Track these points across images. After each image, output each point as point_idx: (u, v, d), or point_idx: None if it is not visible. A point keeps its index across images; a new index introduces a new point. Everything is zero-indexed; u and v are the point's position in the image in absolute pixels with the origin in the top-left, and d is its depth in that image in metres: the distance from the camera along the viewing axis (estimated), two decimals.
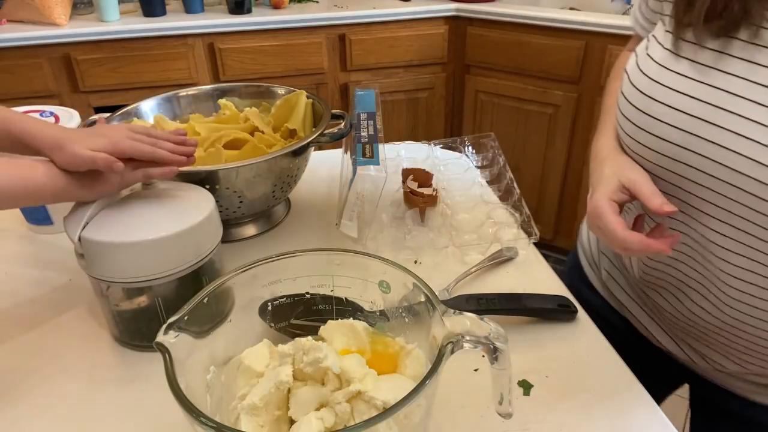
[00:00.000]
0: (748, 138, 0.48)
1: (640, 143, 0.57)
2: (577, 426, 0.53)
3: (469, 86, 2.22)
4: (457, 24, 2.15)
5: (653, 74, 0.55)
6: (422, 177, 0.87)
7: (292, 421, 0.44)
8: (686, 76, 0.52)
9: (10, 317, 0.67)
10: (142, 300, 0.60)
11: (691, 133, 0.52)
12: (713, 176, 0.51)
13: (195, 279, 0.61)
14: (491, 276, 0.74)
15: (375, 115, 0.81)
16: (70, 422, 0.54)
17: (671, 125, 0.53)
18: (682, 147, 0.53)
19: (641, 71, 0.57)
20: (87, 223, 0.56)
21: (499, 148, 0.95)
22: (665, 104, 0.54)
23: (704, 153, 0.51)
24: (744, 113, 0.48)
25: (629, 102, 0.58)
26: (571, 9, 2.11)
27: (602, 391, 0.56)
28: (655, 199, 0.52)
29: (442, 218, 0.83)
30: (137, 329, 0.62)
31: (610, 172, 0.58)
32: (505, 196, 0.88)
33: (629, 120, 0.58)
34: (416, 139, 1.18)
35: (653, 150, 0.56)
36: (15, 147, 0.56)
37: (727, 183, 0.51)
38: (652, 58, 0.56)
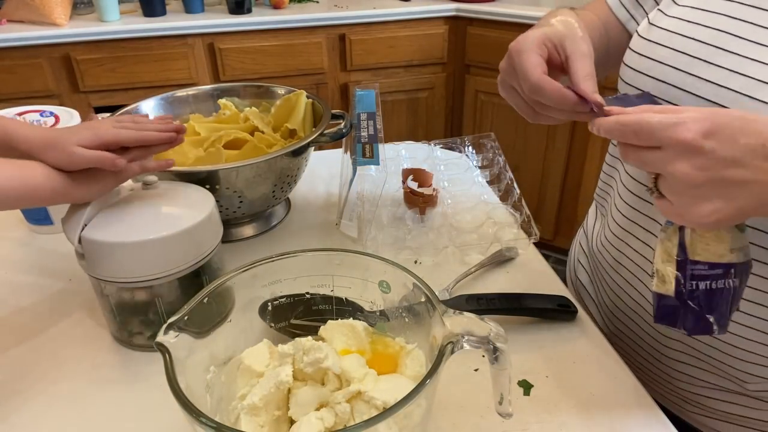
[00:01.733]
0: (744, 75, 0.48)
1: (638, 88, 0.57)
2: (577, 426, 0.53)
3: (469, 86, 2.22)
4: (457, 24, 2.15)
5: (657, 22, 0.57)
6: (422, 177, 0.87)
7: (292, 421, 0.44)
8: (687, 21, 0.54)
9: (9, 317, 0.67)
10: (142, 300, 0.60)
11: (691, 74, 0.52)
12: None
13: (195, 279, 0.61)
14: (491, 276, 0.74)
15: (375, 115, 0.81)
16: (70, 422, 0.54)
17: (672, 66, 0.54)
18: (681, 89, 0.53)
19: (649, 22, 0.59)
20: (85, 225, 0.56)
21: (499, 148, 0.95)
22: (667, 47, 0.55)
23: (702, 93, 0.51)
24: (742, 52, 0.49)
25: (633, 51, 0.59)
26: (571, 9, 2.11)
27: (602, 391, 0.56)
28: (586, 82, 0.49)
29: (442, 218, 0.83)
30: (137, 329, 0.62)
31: (557, 26, 0.54)
32: (505, 196, 0.88)
33: (630, 67, 0.59)
34: (416, 139, 1.18)
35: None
36: (1, 150, 0.55)
37: None
38: (662, 12, 0.58)
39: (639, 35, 0.60)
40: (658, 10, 0.60)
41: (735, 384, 0.60)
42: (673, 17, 0.56)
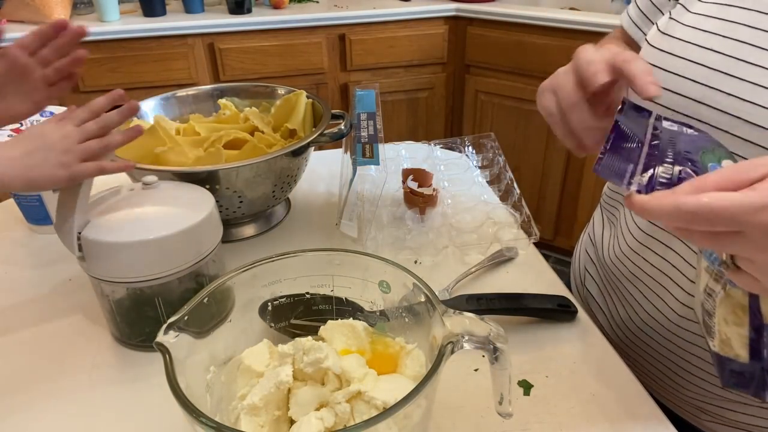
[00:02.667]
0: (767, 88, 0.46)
1: (656, 102, 0.55)
2: (577, 426, 0.53)
3: (469, 86, 2.22)
4: (457, 24, 2.15)
5: (670, 31, 0.55)
6: (422, 177, 0.87)
7: (292, 421, 0.44)
8: (703, 30, 0.52)
9: (10, 317, 0.67)
10: (142, 300, 0.60)
11: (709, 86, 0.50)
12: (730, 132, 0.50)
13: (195, 279, 0.61)
14: (491, 276, 0.74)
15: (375, 115, 0.81)
16: (70, 422, 0.54)
17: (689, 79, 0.52)
18: (699, 102, 0.51)
19: (660, 31, 0.57)
20: (80, 233, 0.56)
21: (499, 148, 0.95)
22: (683, 58, 0.53)
23: (721, 107, 0.50)
24: (764, 64, 0.47)
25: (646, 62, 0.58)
26: (571, 9, 2.11)
27: (602, 391, 0.56)
28: (643, 77, 0.41)
29: (442, 218, 0.83)
30: (137, 329, 0.62)
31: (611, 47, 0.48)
32: (505, 196, 0.88)
33: None
34: (416, 139, 1.18)
35: (669, 108, 0.54)
36: None
37: (744, 139, 0.49)
38: (675, 20, 0.56)
39: (649, 44, 0.58)
40: (671, 18, 0.58)
41: (753, 398, 0.60)
42: (688, 26, 0.54)
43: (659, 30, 0.58)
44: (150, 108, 0.87)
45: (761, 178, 0.33)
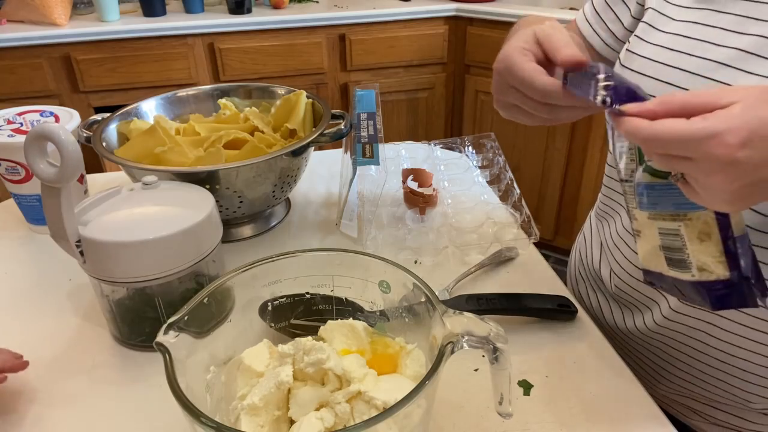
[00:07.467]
0: None
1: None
2: (577, 426, 0.53)
3: (469, 86, 2.22)
4: (457, 24, 2.15)
5: (639, 50, 0.56)
6: (422, 177, 0.87)
7: (292, 421, 0.44)
8: (671, 49, 0.52)
9: (9, 317, 0.67)
10: (142, 300, 0.60)
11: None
12: None
13: (195, 279, 0.61)
14: (491, 276, 0.74)
15: (375, 115, 0.81)
16: (70, 422, 0.54)
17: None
18: None
19: (630, 51, 0.58)
20: (80, 234, 0.56)
21: (499, 148, 0.95)
22: (651, 77, 0.53)
23: None
24: (730, 81, 0.48)
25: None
26: (571, 9, 2.11)
27: (602, 391, 0.56)
28: (565, 49, 0.45)
29: (442, 218, 0.83)
30: (137, 329, 0.62)
31: (526, 31, 0.51)
32: (505, 196, 0.88)
33: None
34: (416, 139, 1.18)
35: None
36: None
37: None
38: (642, 39, 0.57)
39: (621, 64, 0.59)
40: (636, 36, 0.58)
41: (741, 402, 0.61)
42: (656, 45, 0.55)
43: (627, 49, 0.59)
44: (150, 108, 0.87)
45: (725, 107, 0.36)
